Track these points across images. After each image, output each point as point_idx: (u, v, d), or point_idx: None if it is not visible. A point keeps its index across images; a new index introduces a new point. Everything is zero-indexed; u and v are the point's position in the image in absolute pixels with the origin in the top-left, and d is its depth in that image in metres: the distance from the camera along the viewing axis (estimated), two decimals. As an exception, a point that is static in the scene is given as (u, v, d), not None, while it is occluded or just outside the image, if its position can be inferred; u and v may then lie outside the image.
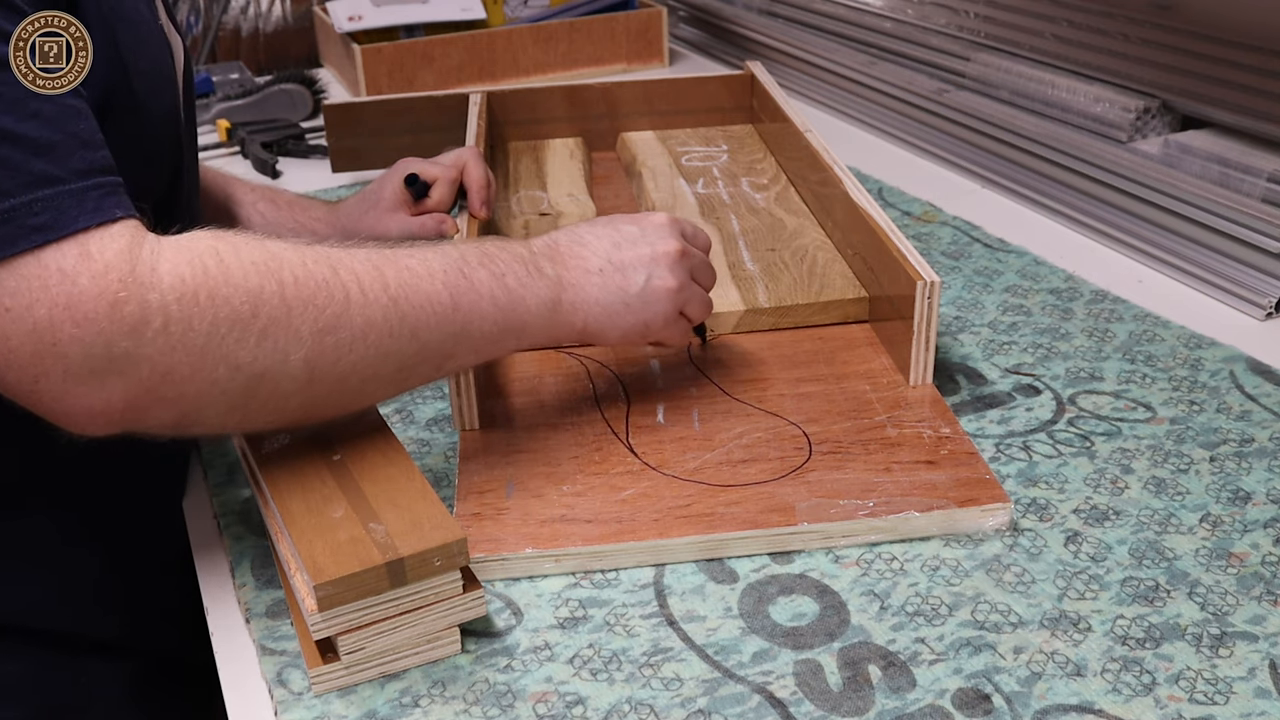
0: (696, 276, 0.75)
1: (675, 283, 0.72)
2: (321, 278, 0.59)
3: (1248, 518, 0.70)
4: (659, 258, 0.72)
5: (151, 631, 0.80)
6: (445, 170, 0.95)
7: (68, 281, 0.53)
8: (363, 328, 0.60)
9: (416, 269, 0.64)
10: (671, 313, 0.73)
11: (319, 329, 0.59)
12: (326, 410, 0.64)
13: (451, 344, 0.65)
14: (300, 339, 0.58)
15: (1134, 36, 1.16)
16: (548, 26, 1.61)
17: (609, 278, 0.71)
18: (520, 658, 0.61)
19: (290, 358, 0.58)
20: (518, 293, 0.67)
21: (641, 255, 0.72)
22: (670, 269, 0.72)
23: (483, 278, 0.66)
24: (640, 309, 0.72)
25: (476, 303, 0.65)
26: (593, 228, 0.73)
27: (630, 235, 0.73)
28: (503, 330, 0.67)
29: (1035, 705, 0.57)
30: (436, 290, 0.63)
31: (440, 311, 0.63)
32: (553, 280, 0.69)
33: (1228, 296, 0.95)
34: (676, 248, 0.73)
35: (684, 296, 0.73)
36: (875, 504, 0.68)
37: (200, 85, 1.55)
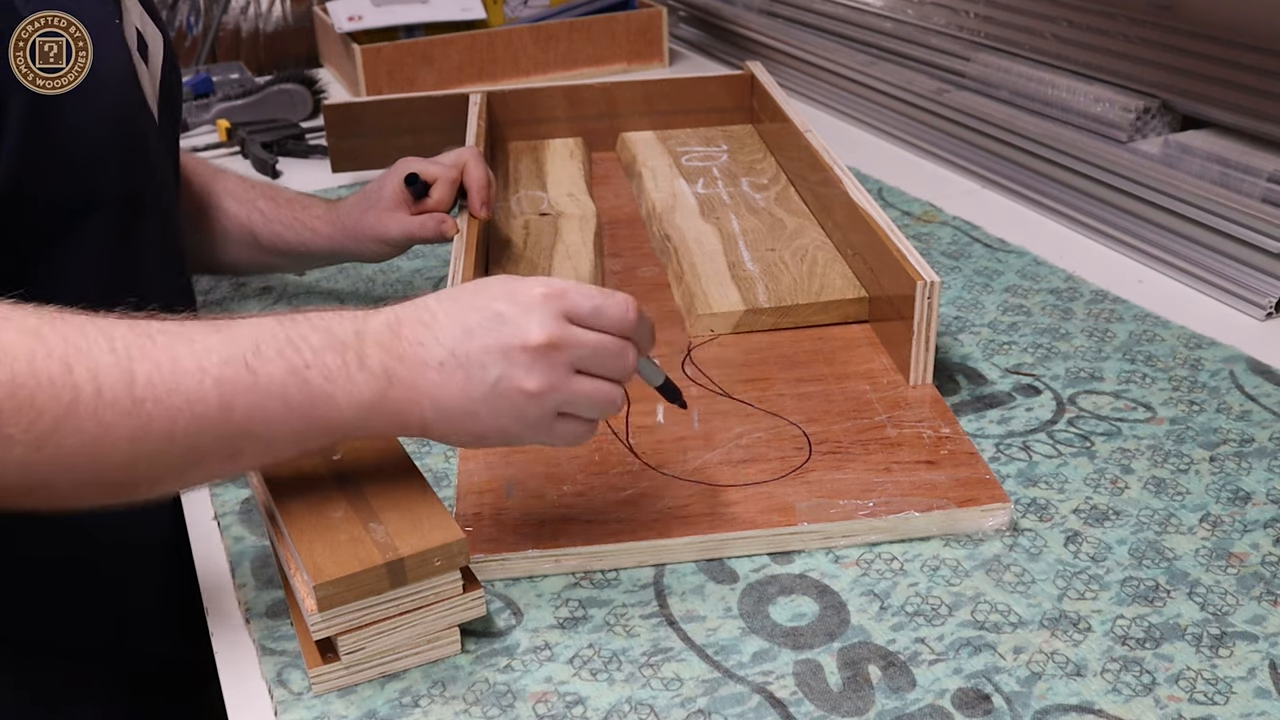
0: (587, 368, 0.59)
1: (534, 385, 0.57)
2: (48, 376, 0.52)
3: (1248, 518, 0.70)
4: (513, 352, 0.57)
5: (132, 640, 0.80)
6: (445, 170, 0.94)
7: None
8: (95, 433, 0.53)
9: (184, 363, 0.54)
10: (538, 419, 0.58)
11: (35, 435, 0.51)
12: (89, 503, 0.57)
13: (230, 445, 0.56)
14: (12, 444, 0.51)
15: (1134, 36, 1.16)
16: (548, 26, 1.61)
17: (449, 374, 0.57)
18: (520, 658, 0.61)
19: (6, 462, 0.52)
20: (323, 390, 0.56)
21: (490, 346, 0.57)
22: (528, 367, 0.57)
23: (274, 372, 0.55)
24: (489, 415, 0.58)
25: (260, 402, 0.55)
26: (452, 303, 0.59)
27: (488, 319, 0.57)
28: (305, 430, 0.57)
29: (1035, 705, 0.57)
30: (203, 390, 0.54)
31: (204, 414, 0.54)
32: (377, 374, 0.57)
33: (1228, 296, 0.95)
34: (541, 337, 0.57)
35: (554, 399, 0.58)
36: (875, 504, 0.68)
37: (200, 85, 1.55)
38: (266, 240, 0.95)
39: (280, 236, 0.94)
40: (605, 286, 0.96)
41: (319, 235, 0.94)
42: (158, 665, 0.81)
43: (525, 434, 0.59)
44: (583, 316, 0.59)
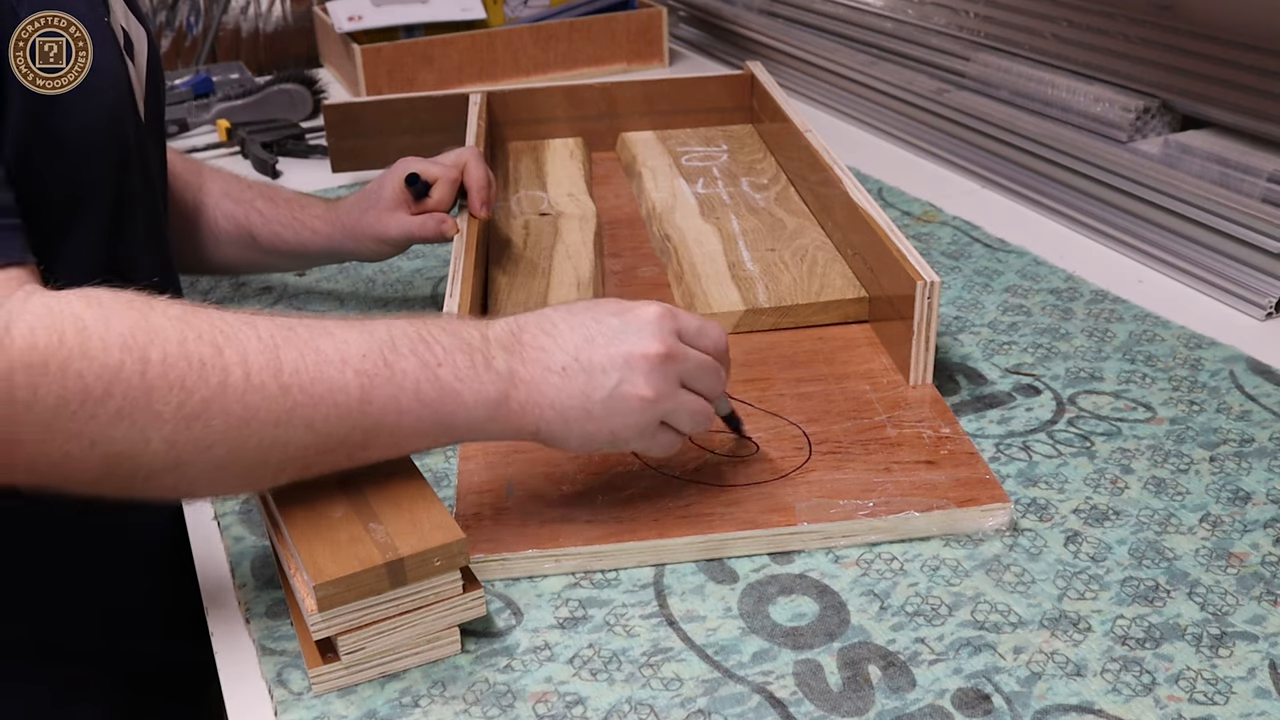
0: (691, 383, 0.63)
1: (651, 391, 0.61)
2: (199, 358, 0.54)
3: (1248, 518, 0.70)
4: (635, 360, 0.61)
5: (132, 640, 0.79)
6: (446, 170, 0.94)
7: None
8: (240, 415, 0.55)
9: (326, 352, 0.57)
10: (646, 425, 0.62)
11: (185, 414, 0.53)
12: (209, 491, 0.60)
13: (360, 437, 0.58)
14: (161, 421, 0.53)
15: (1134, 36, 1.16)
16: (548, 26, 1.61)
17: (571, 379, 0.60)
18: (520, 658, 0.61)
19: (151, 440, 0.53)
20: (453, 387, 0.59)
21: (615, 355, 0.61)
22: (647, 374, 0.61)
23: (409, 367, 0.58)
24: (604, 417, 0.61)
25: (395, 396, 0.58)
26: (570, 314, 0.63)
27: (608, 330, 0.61)
28: (432, 426, 0.59)
29: (1035, 705, 0.57)
30: (345, 380, 0.57)
31: (345, 403, 0.57)
32: (503, 375, 0.60)
33: (1228, 296, 0.95)
34: (660, 350, 0.61)
35: (664, 407, 0.62)
36: (875, 504, 0.68)
37: (200, 85, 1.56)
38: (265, 240, 0.95)
39: (279, 236, 0.94)
40: (605, 286, 0.97)
41: (318, 235, 0.94)
42: (158, 665, 0.81)
43: (632, 439, 0.62)
44: (689, 335, 0.63)
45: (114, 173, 0.71)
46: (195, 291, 1.03)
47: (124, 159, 0.72)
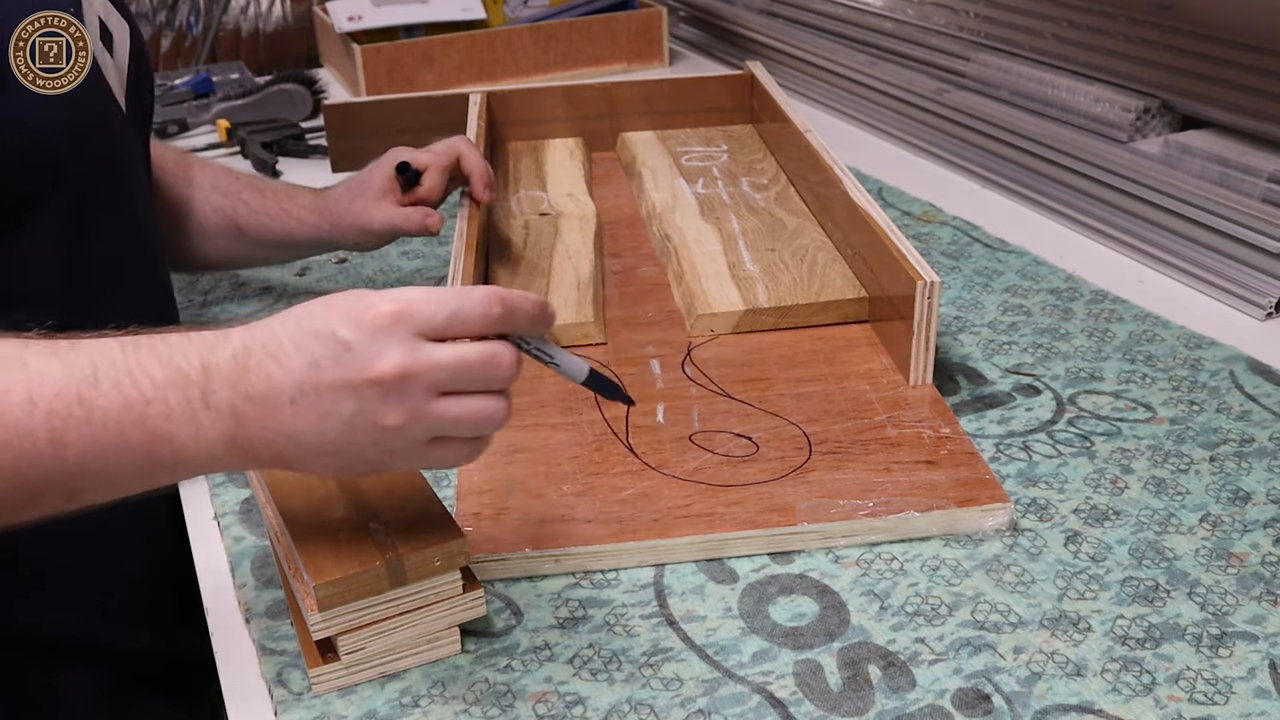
0: (452, 388, 0.52)
1: (396, 418, 0.51)
2: None
3: (1248, 518, 0.70)
4: (363, 387, 0.51)
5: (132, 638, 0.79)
6: (437, 158, 0.92)
7: None
8: None
9: (15, 394, 0.50)
10: (407, 448, 0.53)
11: None
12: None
13: (67, 482, 0.52)
14: None
15: (1134, 36, 1.16)
16: (548, 26, 1.61)
17: (301, 411, 0.51)
18: (520, 658, 0.61)
19: None
20: (164, 429, 0.51)
21: (339, 381, 0.51)
22: (383, 399, 0.51)
23: (110, 407, 0.51)
24: (351, 452, 0.52)
25: (95, 438, 0.51)
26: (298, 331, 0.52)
27: (334, 349, 0.51)
28: (148, 467, 0.52)
29: (1035, 705, 0.57)
30: (33, 425, 0.50)
31: (36, 448, 0.50)
32: (224, 413, 0.52)
33: (1228, 296, 0.95)
34: (391, 369, 0.51)
35: (419, 428, 0.52)
36: (875, 504, 0.68)
37: (200, 85, 1.56)
38: (253, 232, 0.94)
39: (266, 227, 0.94)
40: (605, 286, 0.97)
41: (305, 225, 0.93)
42: (158, 664, 0.81)
43: (396, 463, 0.54)
44: (437, 329, 0.52)
45: (80, 168, 0.71)
46: (195, 291, 1.03)
47: (94, 151, 0.72)
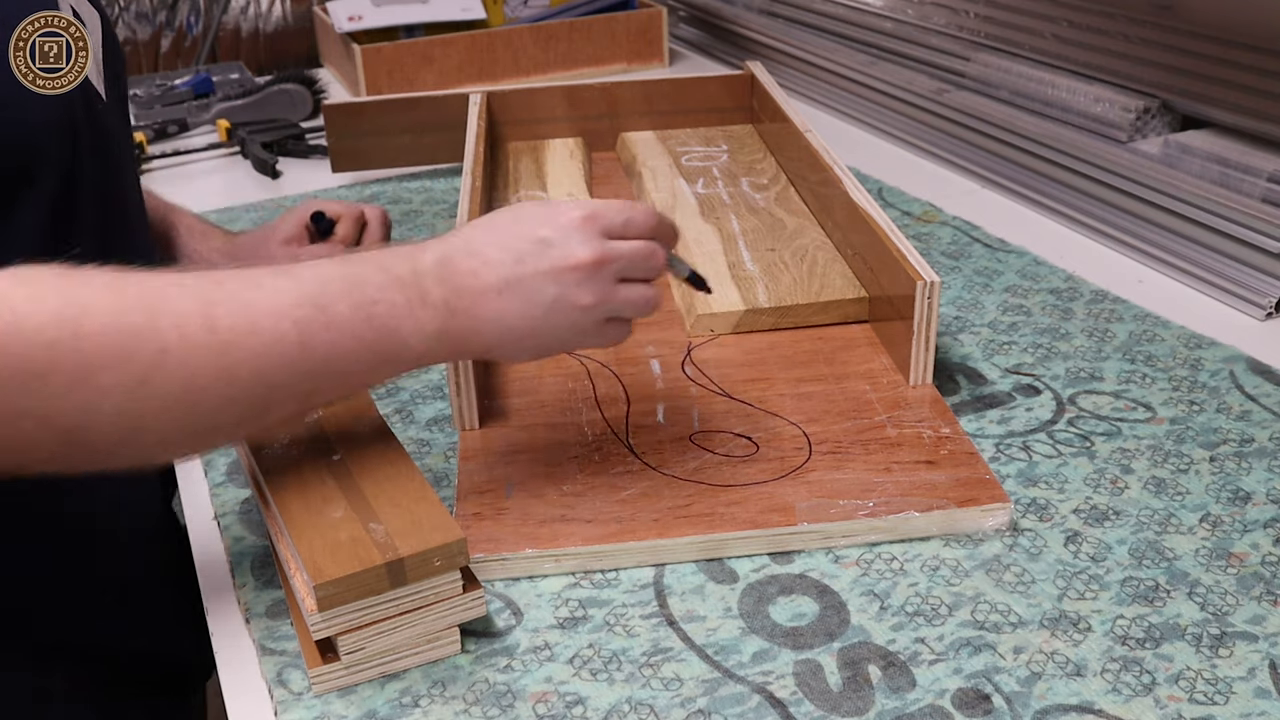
0: (627, 275, 0.65)
1: (590, 299, 0.63)
2: (132, 328, 0.54)
3: (1248, 518, 0.70)
4: (566, 272, 0.62)
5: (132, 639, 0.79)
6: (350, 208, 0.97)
7: None
8: (185, 379, 0.55)
9: (261, 304, 0.57)
10: (590, 326, 0.64)
11: (130, 384, 0.54)
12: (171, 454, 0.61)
13: (309, 383, 0.59)
14: (107, 394, 0.53)
15: (1134, 36, 1.16)
16: (548, 26, 1.61)
17: (508, 299, 0.62)
18: (520, 658, 0.61)
19: (102, 411, 0.54)
20: (390, 326, 0.60)
21: (544, 269, 0.62)
22: (581, 283, 0.63)
23: (343, 311, 0.58)
24: (549, 330, 0.63)
25: (335, 340, 0.58)
26: (492, 233, 0.63)
27: (535, 244, 0.62)
28: (377, 363, 0.61)
29: (1035, 705, 0.57)
30: (282, 330, 0.57)
31: (286, 353, 0.57)
32: (439, 307, 0.61)
33: (1228, 296, 0.95)
34: (589, 257, 0.62)
35: (606, 308, 0.64)
36: (875, 504, 0.68)
37: (200, 85, 1.56)
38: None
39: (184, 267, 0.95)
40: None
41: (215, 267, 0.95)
42: (155, 664, 0.81)
43: (581, 341, 0.65)
44: (616, 230, 0.64)
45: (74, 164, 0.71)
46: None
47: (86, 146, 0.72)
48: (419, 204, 1.21)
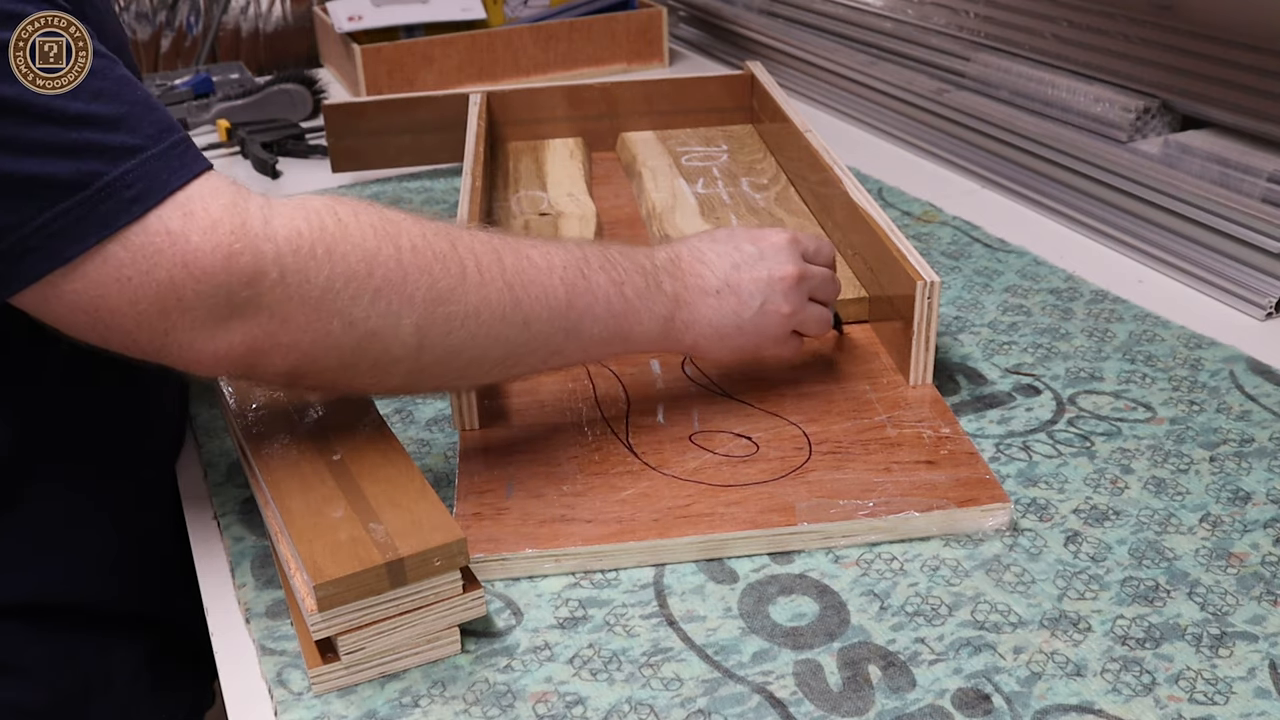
0: (815, 295, 0.76)
1: (789, 308, 0.73)
2: (439, 250, 0.61)
3: (1248, 518, 0.70)
4: (775, 282, 0.72)
5: (168, 601, 0.80)
6: None
7: (179, 241, 0.55)
8: (476, 305, 0.62)
9: (536, 260, 0.64)
10: (782, 334, 0.74)
11: (432, 298, 0.60)
12: (429, 384, 0.66)
13: (561, 339, 0.66)
14: (413, 304, 0.60)
15: (1134, 36, 1.16)
16: (548, 26, 1.61)
17: (724, 300, 0.71)
18: (520, 658, 0.61)
19: (403, 321, 0.60)
20: (633, 303, 0.68)
21: (759, 278, 0.72)
22: (785, 294, 0.73)
23: (601, 281, 0.67)
24: (751, 333, 0.72)
25: (591, 305, 0.66)
26: (714, 244, 0.73)
27: (749, 256, 0.72)
28: (612, 336, 0.68)
29: (1035, 705, 0.57)
30: (553, 284, 0.64)
31: (554, 306, 0.64)
32: (670, 297, 0.70)
33: (1228, 296, 0.95)
34: (794, 272, 0.73)
35: (798, 319, 0.74)
36: (875, 504, 0.68)
37: (200, 85, 1.56)
38: None
39: None
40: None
41: None
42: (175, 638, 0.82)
43: (770, 348, 0.75)
44: (810, 255, 0.76)
45: None
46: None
47: None
48: (419, 204, 1.21)
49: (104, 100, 0.56)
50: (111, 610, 0.77)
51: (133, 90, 0.58)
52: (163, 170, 0.56)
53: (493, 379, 0.68)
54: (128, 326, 0.56)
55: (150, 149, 0.56)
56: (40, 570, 0.72)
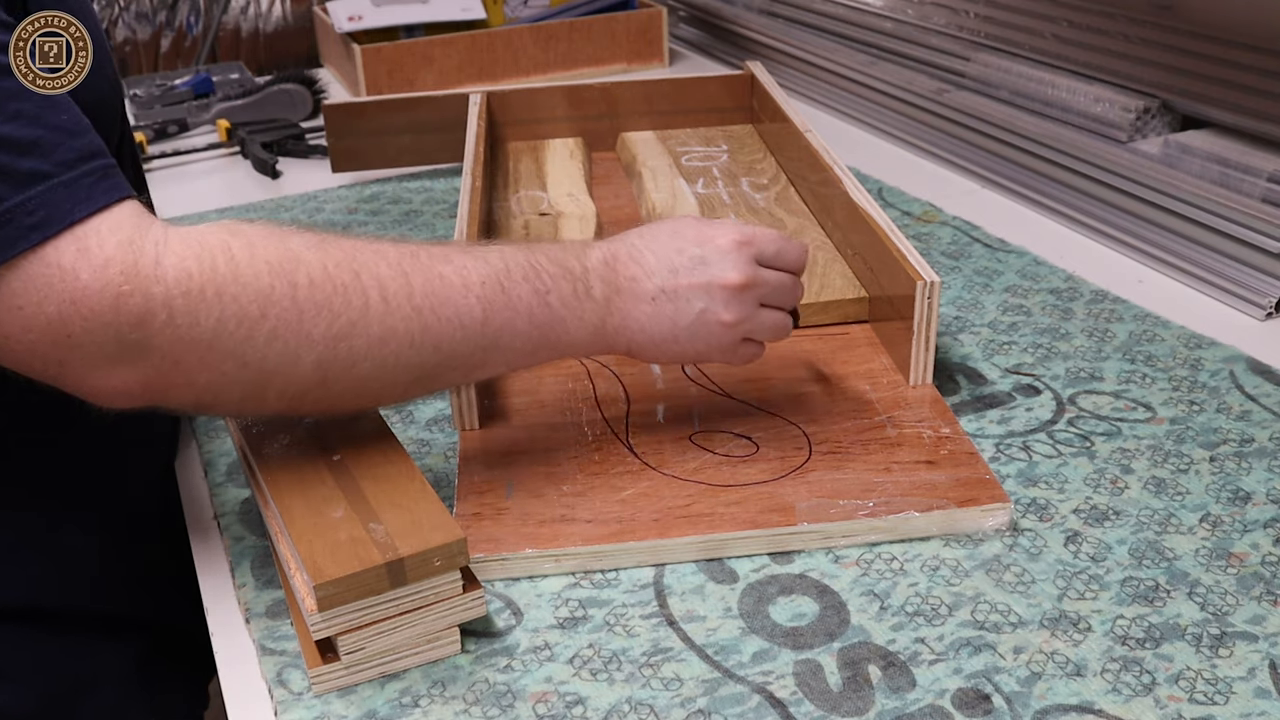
0: (769, 301, 0.70)
1: (731, 316, 0.68)
2: (340, 282, 0.59)
3: (1248, 518, 0.70)
4: (714, 290, 0.67)
5: (159, 603, 0.80)
6: None
7: (69, 277, 0.53)
8: (380, 336, 0.59)
9: (450, 279, 0.62)
10: (728, 343, 0.70)
11: (332, 334, 0.58)
12: (347, 407, 0.64)
13: (480, 356, 0.64)
14: (312, 342, 0.58)
15: (1134, 36, 1.16)
16: (548, 26, 1.61)
17: (660, 306, 0.67)
18: (520, 658, 0.61)
19: (302, 359, 0.58)
20: (559, 313, 0.65)
21: (696, 284, 0.67)
22: (727, 303, 0.68)
23: (523, 294, 0.64)
24: (689, 340, 0.68)
25: (512, 319, 0.64)
26: (654, 242, 0.69)
27: (691, 260, 0.68)
28: (537, 347, 0.66)
29: (1035, 705, 0.57)
30: (469, 304, 0.62)
31: (469, 325, 0.62)
32: (600, 304, 0.67)
33: (1228, 296, 0.95)
34: (736, 279, 0.67)
35: (745, 327, 0.69)
36: (875, 504, 0.68)
37: (200, 85, 1.56)
38: None
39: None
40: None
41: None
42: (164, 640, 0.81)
43: (716, 356, 0.71)
44: (768, 258, 0.70)
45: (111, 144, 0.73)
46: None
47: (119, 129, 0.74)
48: (419, 204, 1.21)
49: (20, 122, 0.54)
50: (100, 612, 0.76)
51: (56, 114, 0.56)
52: (66, 200, 0.54)
53: (408, 398, 0.68)
54: (22, 354, 0.55)
55: (59, 176, 0.54)
56: (26, 573, 0.72)
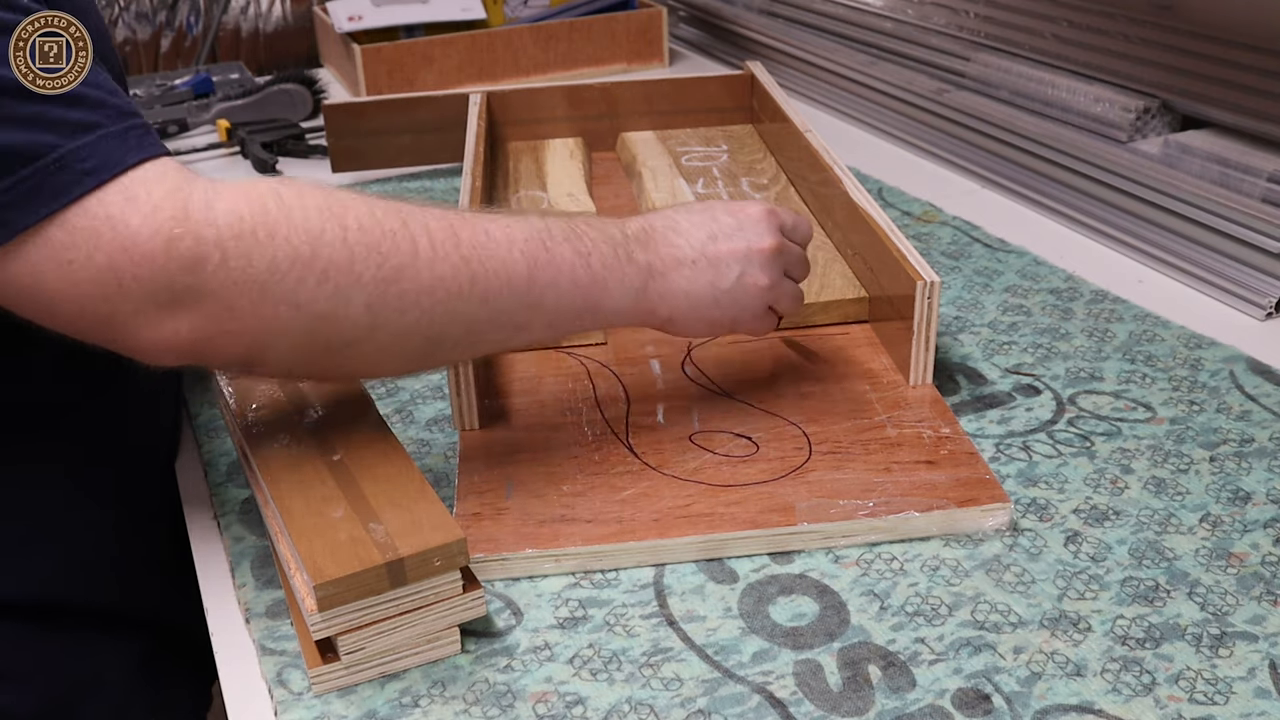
0: (790, 271, 0.74)
1: (767, 280, 0.71)
2: (389, 228, 0.59)
3: (1248, 518, 0.70)
4: (753, 254, 0.70)
5: (161, 601, 0.80)
6: None
7: (119, 225, 0.54)
8: (429, 283, 0.60)
9: (495, 234, 0.63)
10: (760, 309, 0.72)
11: (383, 276, 0.59)
12: (392, 367, 0.65)
13: (525, 315, 0.64)
14: (362, 284, 0.58)
15: (1134, 36, 1.16)
16: (548, 26, 1.61)
17: (700, 271, 0.69)
18: (520, 658, 0.61)
19: (353, 302, 0.58)
20: (601, 275, 0.66)
21: (736, 250, 0.70)
22: (763, 266, 0.71)
23: (565, 253, 0.64)
24: (728, 305, 0.70)
25: (555, 278, 0.64)
26: (689, 215, 0.71)
27: (726, 227, 0.70)
28: (581, 309, 0.66)
29: (1035, 705, 0.57)
30: (513, 259, 0.63)
31: (514, 281, 0.63)
32: (642, 267, 0.68)
33: (1228, 296, 0.95)
34: (772, 244, 0.71)
35: (775, 293, 0.72)
36: (875, 504, 0.68)
37: (200, 85, 1.56)
38: None
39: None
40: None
41: None
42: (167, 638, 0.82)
43: (747, 323, 0.73)
44: (788, 230, 0.74)
45: None
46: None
47: None
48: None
49: None
50: (101, 610, 0.76)
51: (98, 73, 0.57)
52: (118, 148, 0.55)
53: (457, 358, 0.68)
54: (70, 311, 0.56)
55: (108, 126, 0.56)
56: (27, 570, 0.72)
